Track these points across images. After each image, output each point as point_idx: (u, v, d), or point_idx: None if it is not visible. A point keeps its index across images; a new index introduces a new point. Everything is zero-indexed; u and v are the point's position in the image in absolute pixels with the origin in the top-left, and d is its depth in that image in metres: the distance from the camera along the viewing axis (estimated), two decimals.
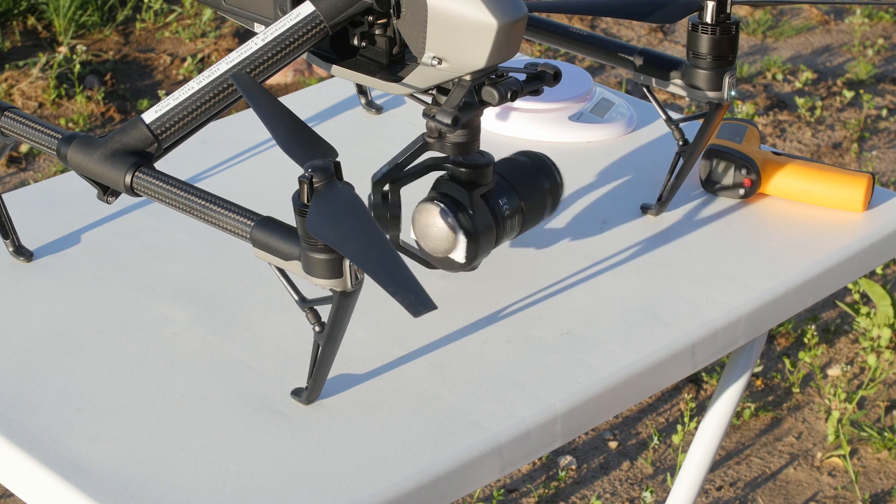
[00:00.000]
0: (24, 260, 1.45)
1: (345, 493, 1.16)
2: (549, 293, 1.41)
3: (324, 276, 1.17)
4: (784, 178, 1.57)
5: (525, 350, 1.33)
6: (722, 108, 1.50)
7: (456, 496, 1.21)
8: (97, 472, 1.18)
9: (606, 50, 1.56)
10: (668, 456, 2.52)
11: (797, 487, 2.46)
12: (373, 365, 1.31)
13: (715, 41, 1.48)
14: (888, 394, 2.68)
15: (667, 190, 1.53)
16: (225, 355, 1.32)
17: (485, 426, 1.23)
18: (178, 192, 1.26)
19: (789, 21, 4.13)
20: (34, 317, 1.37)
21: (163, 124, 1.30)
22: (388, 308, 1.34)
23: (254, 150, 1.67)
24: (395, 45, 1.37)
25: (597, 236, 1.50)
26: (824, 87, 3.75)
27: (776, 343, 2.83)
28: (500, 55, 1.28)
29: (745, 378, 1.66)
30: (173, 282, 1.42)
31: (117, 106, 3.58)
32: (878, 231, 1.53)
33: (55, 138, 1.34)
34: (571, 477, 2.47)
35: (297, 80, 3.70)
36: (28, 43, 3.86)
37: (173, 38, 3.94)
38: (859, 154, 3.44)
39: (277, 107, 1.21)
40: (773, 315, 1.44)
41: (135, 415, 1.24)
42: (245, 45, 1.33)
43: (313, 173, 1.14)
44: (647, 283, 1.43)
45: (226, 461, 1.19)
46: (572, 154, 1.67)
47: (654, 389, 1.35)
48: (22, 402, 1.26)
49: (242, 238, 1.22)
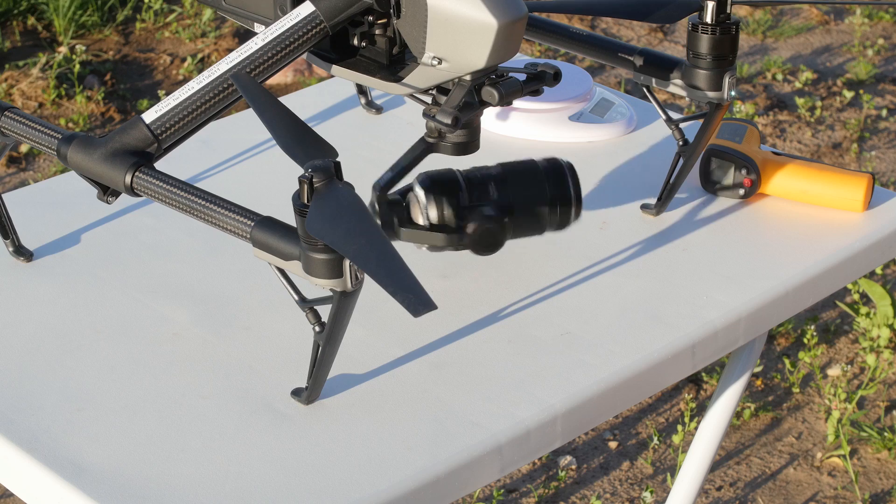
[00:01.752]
0: (24, 260, 1.45)
1: (345, 493, 1.16)
2: (549, 293, 1.41)
3: (324, 276, 1.17)
4: (784, 178, 1.57)
5: (525, 350, 1.33)
6: (722, 108, 1.50)
7: (456, 496, 1.21)
8: (97, 472, 1.18)
9: (606, 50, 1.56)
10: (668, 456, 2.52)
11: (797, 487, 2.46)
12: (373, 365, 1.31)
13: (715, 41, 1.48)
14: (888, 394, 2.68)
15: (667, 190, 1.53)
16: (225, 355, 1.32)
17: (485, 426, 1.23)
18: (178, 192, 1.26)
19: (789, 21, 4.13)
20: (34, 317, 1.37)
21: (163, 124, 1.30)
22: (388, 308, 1.34)
23: (254, 150, 1.67)
24: (395, 45, 1.37)
25: (597, 236, 1.50)
26: (824, 87, 3.75)
27: (776, 343, 2.83)
28: (500, 55, 1.28)
29: (745, 378, 1.66)
30: (173, 282, 1.42)
31: (117, 106, 3.58)
32: (878, 231, 1.53)
33: (55, 138, 1.34)
34: (571, 477, 2.47)
35: (297, 80, 3.70)
36: (28, 43, 3.86)
37: (173, 38, 3.94)
38: (859, 154, 3.44)
39: (277, 107, 1.21)
40: (773, 315, 1.44)
41: (135, 415, 1.24)
42: (245, 45, 1.33)
43: (313, 173, 1.14)
44: (647, 283, 1.43)
45: (226, 461, 1.19)
46: (572, 154, 1.67)
47: (654, 389, 1.35)
48: (22, 402, 1.26)
49: (242, 238, 1.22)
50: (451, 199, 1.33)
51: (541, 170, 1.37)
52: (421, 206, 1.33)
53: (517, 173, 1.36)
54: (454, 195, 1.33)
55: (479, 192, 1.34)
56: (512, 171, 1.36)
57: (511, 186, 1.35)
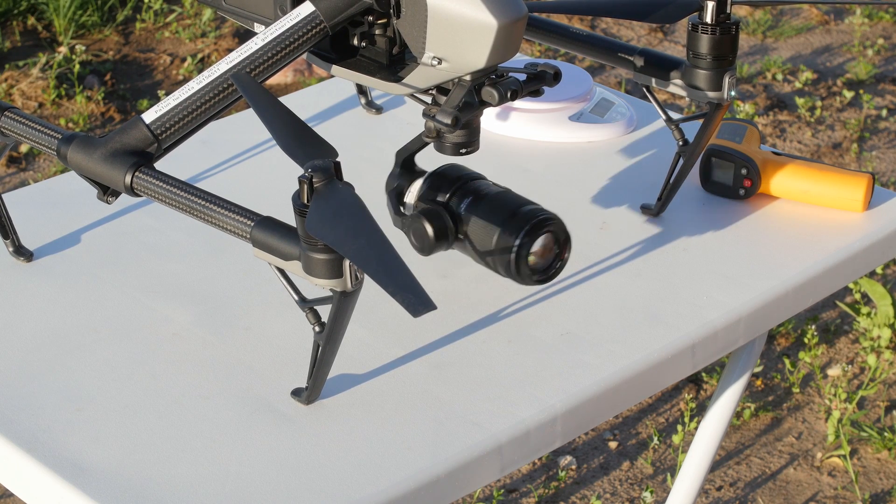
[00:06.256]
0: (24, 260, 1.45)
1: (345, 493, 1.16)
2: (549, 293, 1.41)
3: (324, 276, 1.17)
4: (784, 178, 1.57)
5: (525, 350, 1.33)
6: (722, 108, 1.50)
7: (456, 496, 1.21)
8: (97, 472, 1.18)
9: (606, 50, 1.56)
10: (668, 456, 2.52)
11: (797, 487, 2.46)
12: (373, 365, 1.31)
13: (715, 41, 1.48)
14: (888, 394, 2.68)
15: (667, 190, 1.53)
16: (225, 355, 1.32)
17: (485, 426, 1.23)
18: (178, 192, 1.26)
19: (789, 21, 4.13)
20: (34, 317, 1.37)
21: (163, 124, 1.30)
22: (388, 308, 1.34)
23: (254, 150, 1.67)
24: (395, 45, 1.37)
25: (597, 236, 1.50)
26: (824, 87, 3.75)
27: (776, 343, 2.83)
28: (500, 55, 1.28)
29: (745, 378, 1.66)
30: (173, 282, 1.42)
31: (117, 106, 3.58)
32: (878, 231, 1.53)
33: (55, 138, 1.34)
34: (571, 477, 2.47)
35: (297, 80, 3.70)
36: (28, 43, 3.86)
37: (173, 38, 3.94)
38: (859, 154, 3.44)
39: (277, 107, 1.21)
40: (773, 315, 1.44)
41: (135, 415, 1.24)
42: (245, 45, 1.33)
43: (313, 173, 1.14)
44: (647, 283, 1.43)
45: (226, 461, 1.19)
46: (572, 154, 1.67)
47: (654, 389, 1.35)
48: (22, 402, 1.26)
49: (242, 238, 1.22)
50: (432, 193, 1.36)
51: (511, 211, 1.33)
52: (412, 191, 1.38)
53: (491, 204, 1.34)
54: (439, 190, 1.35)
55: (458, 197, 1.35)
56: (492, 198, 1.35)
57: (479, 209, 1.34)
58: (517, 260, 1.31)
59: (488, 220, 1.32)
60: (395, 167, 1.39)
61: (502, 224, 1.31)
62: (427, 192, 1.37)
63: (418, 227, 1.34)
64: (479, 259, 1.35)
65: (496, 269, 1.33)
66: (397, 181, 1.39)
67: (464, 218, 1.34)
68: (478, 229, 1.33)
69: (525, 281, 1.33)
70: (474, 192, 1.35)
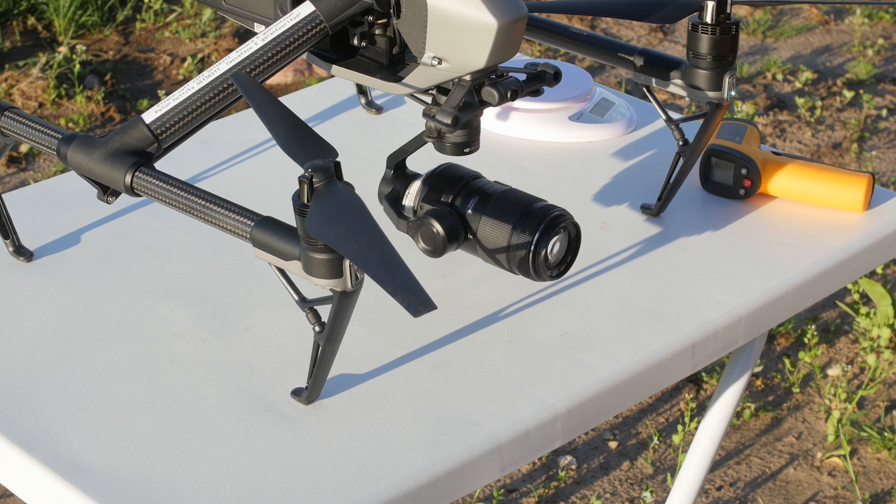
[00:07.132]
0: (24, 260, 1.45)
1: (345, 493, 1.16)
2: (549, 293, 1.41)
3: (324, 276, 1.17)
4: (784, 178, 1.57)
5: (525, 350, 1.33)
6: (722, 108, 1.50)
7: (456, 496, 1.21)
8: (97, 472, 1.18)
9: (606, 50, 1.56)
10: (668, 456, 2.52)
11: (797, 487, 2.46)
12: (373, 365, 1.31)
13: (715, 41, 1.48)
14: (888, 394, 2.68)
15: (667, 190, 1.53)
16: (225, 355, 1.32)
17: (485, 426, 1.23)
18: (178, 192, 1.26)
19: (789, 21, 4.13)
20: (34, 317, 1.37)
21: (163, 124, 1.30)
22: (388, 308, 1.34)
23: (254, 150, 1.67)
24: (395, 45, 1.37)
25: (597, 236, 1.50)
26: (824, 87, 3.75)
27: (776, 343, 2.83)
28: (500, 55, 1.28)
29: (745, 378, 1.66)
30: (173, 282, 1.42)
31: (117, 106, 3.58)
32: (878, 231, 1.53)
33: (55, 138, 1.34)
34: (571, 477, 2.47)
35: (297, 80, 3.70)
36: (28, 43, 3.86)
37: (173, 38, 3.94)
38: (859, 154, 3.44)
39: (277, 107, 1.21)
40: (773, 315, 1.44)
41: (135, 415, 1.24)
42: (245, 45, 1.33)
43: (313, 173, 1.14)
44: (647, 283, 1.43)
45: (226, 461, 1.19)
46: (572, 154, 1.67)
47: (654, 389, 1.35)
48: (22, 402, 1.26)
49: (242, 238, 1.22)
50: (435, 194, 1.36)
51: (523, 209, 1.35)
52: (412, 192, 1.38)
53: (500, 202, 1.35)
54: (442, 191, 1.36)
55: (464, 196, 1.36)
56: (500, 197, 1.36)
57: (488, 208, 1.35)
58: (534, 258, 1.33)
59: (500, 218, 1.34)
60: (388, 171, 1.39)
61: (516, 222, 1.33)
62: (429, 194, 1.37)
63: (428, 228, 1.35)
64: (488, 258, 1.35)
65: (509, 267, 1.34)
66: (392, 185, 1.39)
67: (472, 217, 1.35)
68: (489, 228, 1.34)
69: (541, 277, 1.35)
70: (480, 191, 1.35)
